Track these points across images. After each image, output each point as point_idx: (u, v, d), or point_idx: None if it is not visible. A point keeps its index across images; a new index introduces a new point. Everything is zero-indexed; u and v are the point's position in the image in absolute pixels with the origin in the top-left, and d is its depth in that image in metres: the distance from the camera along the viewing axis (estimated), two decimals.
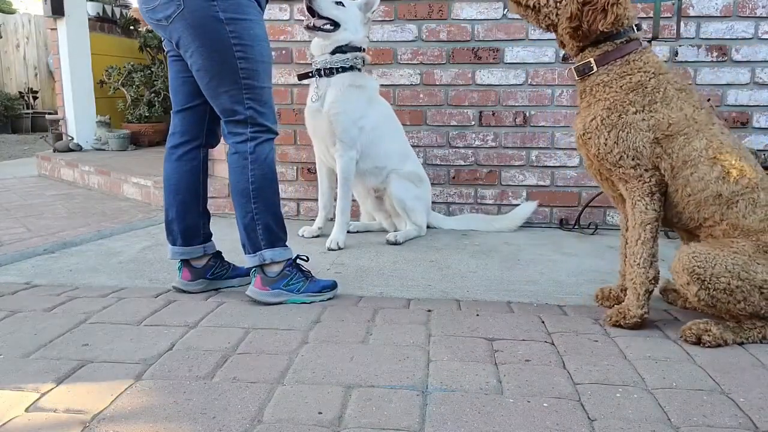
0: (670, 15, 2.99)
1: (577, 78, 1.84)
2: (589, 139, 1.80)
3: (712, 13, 3.06)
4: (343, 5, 2.73)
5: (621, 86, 1.74)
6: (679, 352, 1.63)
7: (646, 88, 1.73)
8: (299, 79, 2.88)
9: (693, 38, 3.08)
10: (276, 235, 1.99)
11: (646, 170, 1.74)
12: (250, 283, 2.00)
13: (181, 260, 2.12)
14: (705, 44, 3.08)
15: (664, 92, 1.73)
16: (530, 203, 3.17)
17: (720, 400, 1.36)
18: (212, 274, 2.15)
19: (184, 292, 2.11)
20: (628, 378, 1.47)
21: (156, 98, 6.23)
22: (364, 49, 2.84)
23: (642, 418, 1.28)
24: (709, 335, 1.66)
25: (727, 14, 3.05)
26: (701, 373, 1.50)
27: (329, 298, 2.04)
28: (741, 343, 1.68)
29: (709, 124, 1.73)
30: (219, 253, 2.20)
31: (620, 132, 1.73)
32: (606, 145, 1.76)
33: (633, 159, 1.74)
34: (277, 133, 2.01)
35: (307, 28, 2.72)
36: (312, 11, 2.68)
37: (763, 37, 3.05)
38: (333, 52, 2.76)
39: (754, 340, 1.69)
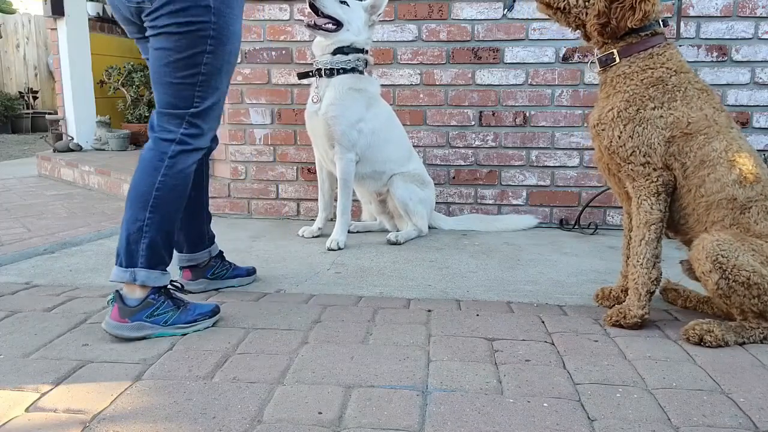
0: (670, 15, 2.98)
1: (599, 69, 1.83)
2: (602, 130, 1.79)
3: (712, 13, 3.06)
4: (348, 5, 2.70)
5: (642, 80, 1.74)
6: (680, 352, 1.63)
7: (666, 84, 1.73)
8: (299, 78, 2.88)
9: (693, 38, 3.08)
10: (159, 257, 1.73)
11: (654, 169, 1.74)
12: (248, 283, 1.97)
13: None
14: (705, 44, 3.08)
15: (685, 91, 1.73)
16: (532, 219, 3.21)
17: (720, 400, 1.36)
18: (213, 273, 2.13)
19: (184, 291, 2.03)
20: (628, 378, 1.47)
21: None
22: (366, 51, 2.82)
23: (642, 418, 1.28)
24: (711, 336, 1.65)
25: (727, 14, 3.05)
26: (701, 373, 1.50)
27: (207, 327, 1.76)
28: (742, 344, 1.68)
29: (728, 127, 1.73)
30: (221, 252, 2.19)
31: (636, 126, 1.73)
32: (620, 138, 1.75)
33: (644, 156, 1.73)
34: (208, 147, 1.82)
35: (308, 26, 2.68)
36: (315, 9, 2.65)
37: (763, 37, 3.05)
38: (334, 53, 2.73)
39: (755, 341, 1.68)
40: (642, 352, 1.62)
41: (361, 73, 2.79)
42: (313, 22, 2.67)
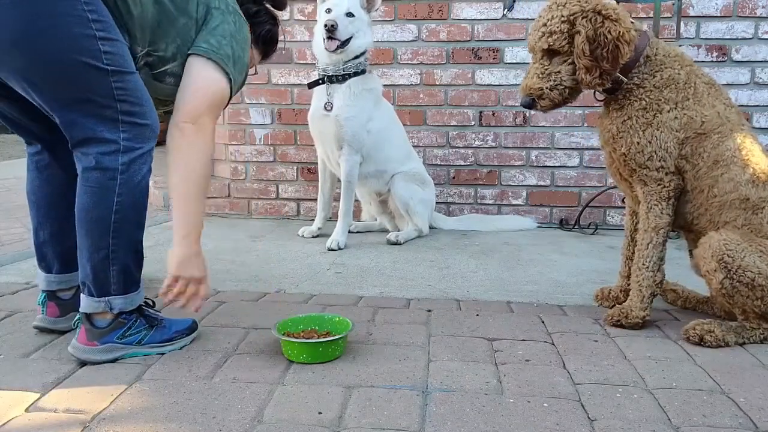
0: (670, 15, 2.99)
1: (610, 96, 1.79)
2: (620, 138, 1.76)
3: (712, 13, 3.06)
4: (354, 15, 2.70)
5: (654, 84, 1.71)
6: (680, 352, 1.63)
7: (678, 83, 1.70)
8: (309, 87, 2.86)
9: (693, 38, 3.08)
10: (132, 279, 1.53)
11: (666, 174, 1.72)
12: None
13: (46, 292, 1.68)
14: (705, 44, 3.08)
15: (695, 87, 1.71)
16: (532, 222, 3.23)
17: (720, 400, 1.36)
18: None
19: (52, 331, 1.68)
20: (628, 378, 1.46)
21: None
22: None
23: (642, 418, 1.27)
24: (711, 336, 1.65)
25: (727, 14, 3.05)
26: (701, 373, 1.50)
27: (184, 345, 1.62)
28: (742, 344, 1.68)
29: (740, 124, 1.71)
30: None
31: (655, 131, 1.70)
32: (639, 144, 1.72)
33: (660, 160, 1.71)
34: (157, 138, 1.50)
35: (331, 51, 2.65)
36: (332, 31, 2.63)
37: (763, 37, 3.05)
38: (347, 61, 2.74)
39: (755, 341, 1.68)
40: (642, 352, 1.62)
41: (365, 71, 2.80)
42: (335, 48, 2.64)
